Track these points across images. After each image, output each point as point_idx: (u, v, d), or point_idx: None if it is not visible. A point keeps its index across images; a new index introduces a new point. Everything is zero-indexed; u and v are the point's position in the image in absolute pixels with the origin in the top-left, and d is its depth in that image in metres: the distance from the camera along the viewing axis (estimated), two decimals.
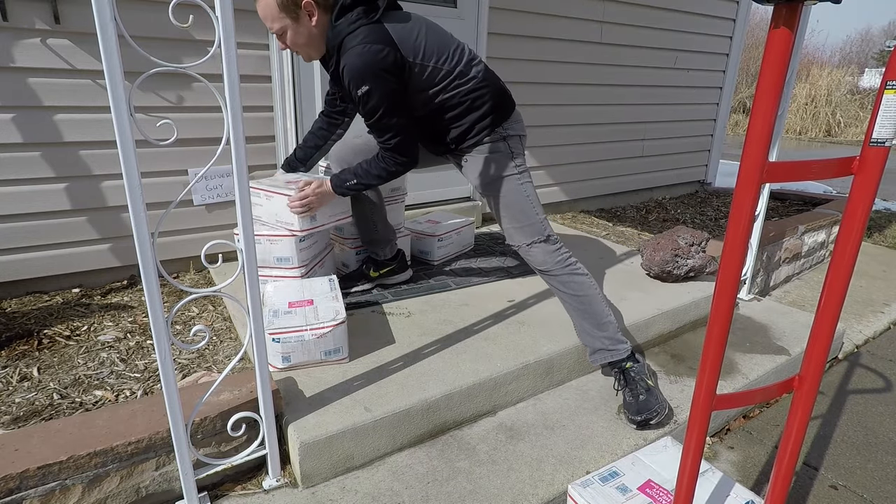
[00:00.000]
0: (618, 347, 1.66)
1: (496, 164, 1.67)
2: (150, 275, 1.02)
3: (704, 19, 4.03)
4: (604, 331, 1.66)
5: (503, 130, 1.67)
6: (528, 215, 1.65)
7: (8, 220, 2.02)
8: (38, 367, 1.65)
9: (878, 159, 0.78)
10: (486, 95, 1.63)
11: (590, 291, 1.66)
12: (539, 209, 1.67)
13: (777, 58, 0.69)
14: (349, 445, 1.36)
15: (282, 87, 2.38)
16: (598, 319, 1.66)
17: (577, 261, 1.69)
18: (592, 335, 1.67)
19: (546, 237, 1.66)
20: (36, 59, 1.93)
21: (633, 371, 1.64)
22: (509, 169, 1.66)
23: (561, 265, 1.66)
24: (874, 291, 2.93)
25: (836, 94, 12.35)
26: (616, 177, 3.98)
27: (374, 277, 2.14)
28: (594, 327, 1.66)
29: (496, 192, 1.67)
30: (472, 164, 1.70)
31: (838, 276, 0.87)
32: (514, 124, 1.70)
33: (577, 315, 1.68)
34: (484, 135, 1.66)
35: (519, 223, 1.66)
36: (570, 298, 1.67)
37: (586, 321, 1.67)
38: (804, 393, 0.96)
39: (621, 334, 1.68)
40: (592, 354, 1.69)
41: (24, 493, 1.10)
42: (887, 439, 1.75)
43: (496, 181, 1.66)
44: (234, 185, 1.09)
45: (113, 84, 0.92)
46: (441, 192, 3.04)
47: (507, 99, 1.71)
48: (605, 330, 1.66)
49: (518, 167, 1.67)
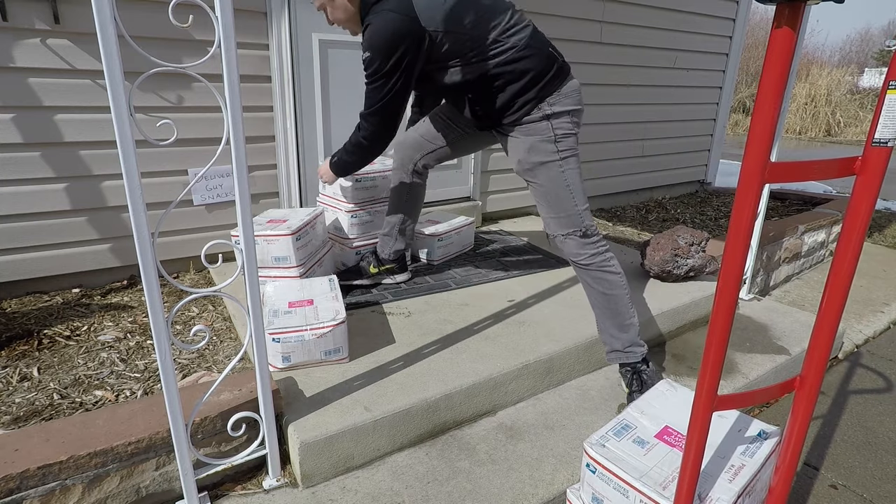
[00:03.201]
0: (634, 351, 1.64)
1: (535, 148, 1.57)
2: (150, 275, 1.02)
3: (704, 19, 4.02)
4: (625, 332, 1.64)
5: (548, 107, 1.55)
6: (565, 206, 1.58)
7: (8, 220, 2.02)
8: (38, 367, 1.65)
9: (881, 159, 0.78)
10: (527, 64, 1.52)
11: (619, 291, 1.62)
12: (580, 199, 1.59)
13: (779, 57, 0.69)
14: (349, 445, 1.36)
15: (282, 87, 2.38)
16: (621, 321, 1.63)
17: (613, 257, 1.64)
18: (612, 335, 1.66)
19: (584, 230, 1.59)
20: (36, 59, 1.93)
21: (645, 374, 1.63)
22: (549, 154, 1.56)
23: (594, 259, 1.60)
24: (874, 291, 2.93)
25: (836, 93, 12.34)
26: (616, 176, 3.98)
27: (373, 274, 2.12)
28: (616, 328, 1.64)
29: (533, 179, 1.61)
30: (511, 145, 1.63)
31: (840, 277, 0.87)
32: (564, 98, 1.56)
33: (602, 313, 1.65)
34: (525, 111, 1.56)
35: (555, 213, 1.60)
36: (598, 295, 1.63)
37: (609, 320, 1.64)
38: (805, 393, 0.96)
39: (640, 338, 1.66)
40: (609, 353, 1.69)
41: (24, 493, 1.10)
42: (887, 439, 1.75)
43: (534, 167, 1.58)
44: (234, 185, 1.09)
45: (113, 84, 0.92)
46: (441, 192, 3.04)
47: (557, 68, 1.57)
48: (627, 332, 1.64)
49: (560, 153, 1.56)
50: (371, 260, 2.11)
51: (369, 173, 2.24)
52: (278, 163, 2.47)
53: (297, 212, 2.10)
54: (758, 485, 1.13)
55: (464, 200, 3.13)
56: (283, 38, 2.32)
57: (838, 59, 19.91)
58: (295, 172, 2.50)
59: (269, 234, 1.86)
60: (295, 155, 2.48)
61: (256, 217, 2.04)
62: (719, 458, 1.14)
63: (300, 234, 1.91)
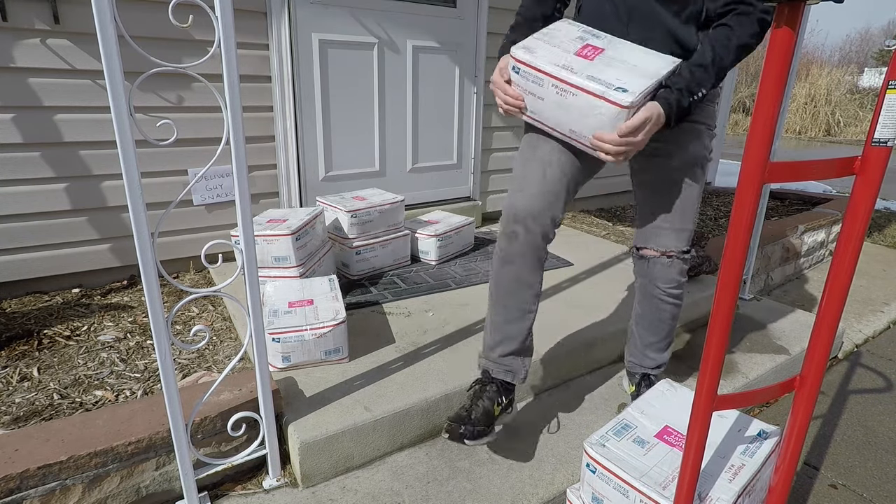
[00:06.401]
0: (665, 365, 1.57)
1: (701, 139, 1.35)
2: (150, 275, 1.02)
3: None
4: (666, 352, 1.55)
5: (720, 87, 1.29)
6: (694, 215, 1.38)
7: (8, 220, 2.02)
8: (38, 367, 1.65)
9: (880, 159, 0.78)
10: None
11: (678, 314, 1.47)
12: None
13: (779, 57, 0.69)
14: (349, 445, 1.36)
15: (282, 88, 2.38)
16: (669, 341, 1.53)
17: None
18: (651, 356, 1.54)
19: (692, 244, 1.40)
20: (36, 59, 1.93)
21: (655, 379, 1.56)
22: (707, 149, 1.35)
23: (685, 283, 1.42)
24: (874, 291, 2.93)
25: (836, 93, 12.34)
26: (616, 176, 3.97)
27: (497, 415, 1.35)
28: (663, 349, 1.53)
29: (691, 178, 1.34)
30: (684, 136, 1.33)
31: (840, 277, 0.87)
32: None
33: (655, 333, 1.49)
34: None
35: (683, 223, 1.37)
36: (668, 321, 1.47)
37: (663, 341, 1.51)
38: (805, 393, 0.96)
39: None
40: (658, 368, 1.55)
41: (24, 493, 1.10)
42: (887, 438, 1.75)
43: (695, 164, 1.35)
44: (234, 185, 1.09)
45: (113, 84, 0.92)
46: (441, 192, 3.04)
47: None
48: (668, 351, 1.55)
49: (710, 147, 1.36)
50: (495, 396, 1.35)
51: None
52: (278, 163, 2.47)
53: (296, 212, 2.10)
54: (758, 484, 1.13)
55: (464, 200, 3.13)
56: (283, 38, 2.32)
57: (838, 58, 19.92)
58: (295, 172, 2.50)
59: (268, 234, 1.86)
60: (295, 155, 2.48)
61: (256, 217, 2.04)
62: (719, 458, 1.14)
63: (300, 234, 1.91)
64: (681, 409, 1.28)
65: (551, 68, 1.15)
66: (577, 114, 1.16)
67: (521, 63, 1.19)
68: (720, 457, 1.14)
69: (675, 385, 1.37)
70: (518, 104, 1.24)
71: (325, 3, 2.40)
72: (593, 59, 1.17)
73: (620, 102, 1.09)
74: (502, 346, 1.36)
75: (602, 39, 1.23)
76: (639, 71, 1.15)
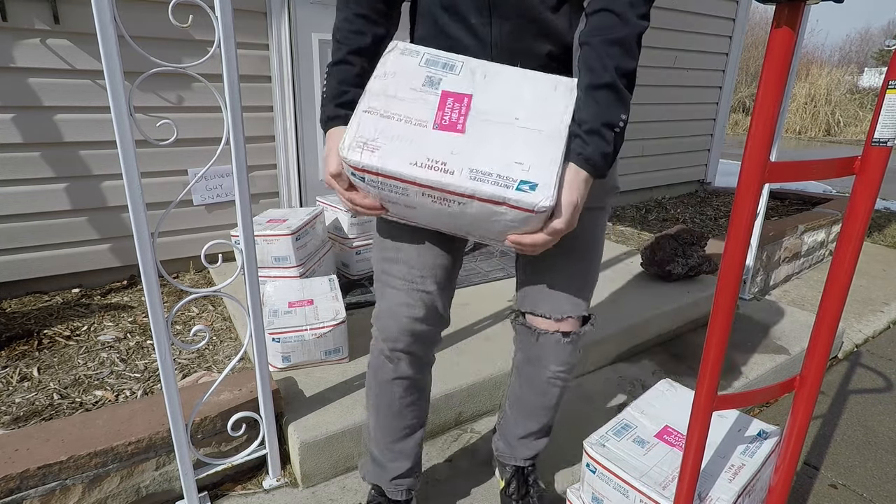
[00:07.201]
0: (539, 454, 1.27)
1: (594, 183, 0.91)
2: (150, 275, 1.02)
3: (704, 19, 4.02)
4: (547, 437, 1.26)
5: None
6: (596, 269, 1.08)
7: (8, 220, 2.02)
8: (38, 367, 1.65)
9: (880, 159, 0.78)
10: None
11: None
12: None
13: (779, 57, 0.69)
14: (349, 445, 1.36)
15: (282, 87, 2.38)
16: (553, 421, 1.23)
17: None
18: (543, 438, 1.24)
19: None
20: (36, 59, 1.93)
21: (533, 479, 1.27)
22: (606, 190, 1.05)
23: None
24: (874, 291, 2.93)
25: (836, 93, 12.35)
26: None
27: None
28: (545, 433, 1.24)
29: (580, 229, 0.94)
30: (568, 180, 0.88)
31: (839, 277, 0.87)
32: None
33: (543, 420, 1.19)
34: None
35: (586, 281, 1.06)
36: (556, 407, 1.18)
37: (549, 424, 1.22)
38: (805, 393, 0.96)
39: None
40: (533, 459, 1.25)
41: (24, 493, 1.10)
42: (887, 438, 1.75)
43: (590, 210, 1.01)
44: (234, 185, 1.09)
45: (113, 84, 0.92)
46: None
47: None
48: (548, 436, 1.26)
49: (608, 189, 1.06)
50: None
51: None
52: (278, 163, 2.47)
53: (296, 212, 2.10)
54: (758, 484, 1.13)
55: None
56: (283, 38, 2.32)
57: (838, 58, 19.92)
58: (295, 172, 2.50)
59: (268, 234, 1.86)
60: (295, 155, 2.48)
61: (256, 217, 2.04)
62: (719, 458, 1.14)
63: (300, 234, 1.91)
64: (681, 409, 1.28)
65: (412, 172, 0.79)
66: (470, 219, 0.85)
67: (364, 172, 0.81)
68: (720, 457, 1.14)
69: (675, 385, 1.37)
70: (376, 211, 0.90)
71: (325, 3, 2.40)
72: (464, 130, 0.82)
73: (533, 209, 0.79)
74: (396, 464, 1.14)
75: (460, 75, 0.87)
76: (535, 134, 0.83)
